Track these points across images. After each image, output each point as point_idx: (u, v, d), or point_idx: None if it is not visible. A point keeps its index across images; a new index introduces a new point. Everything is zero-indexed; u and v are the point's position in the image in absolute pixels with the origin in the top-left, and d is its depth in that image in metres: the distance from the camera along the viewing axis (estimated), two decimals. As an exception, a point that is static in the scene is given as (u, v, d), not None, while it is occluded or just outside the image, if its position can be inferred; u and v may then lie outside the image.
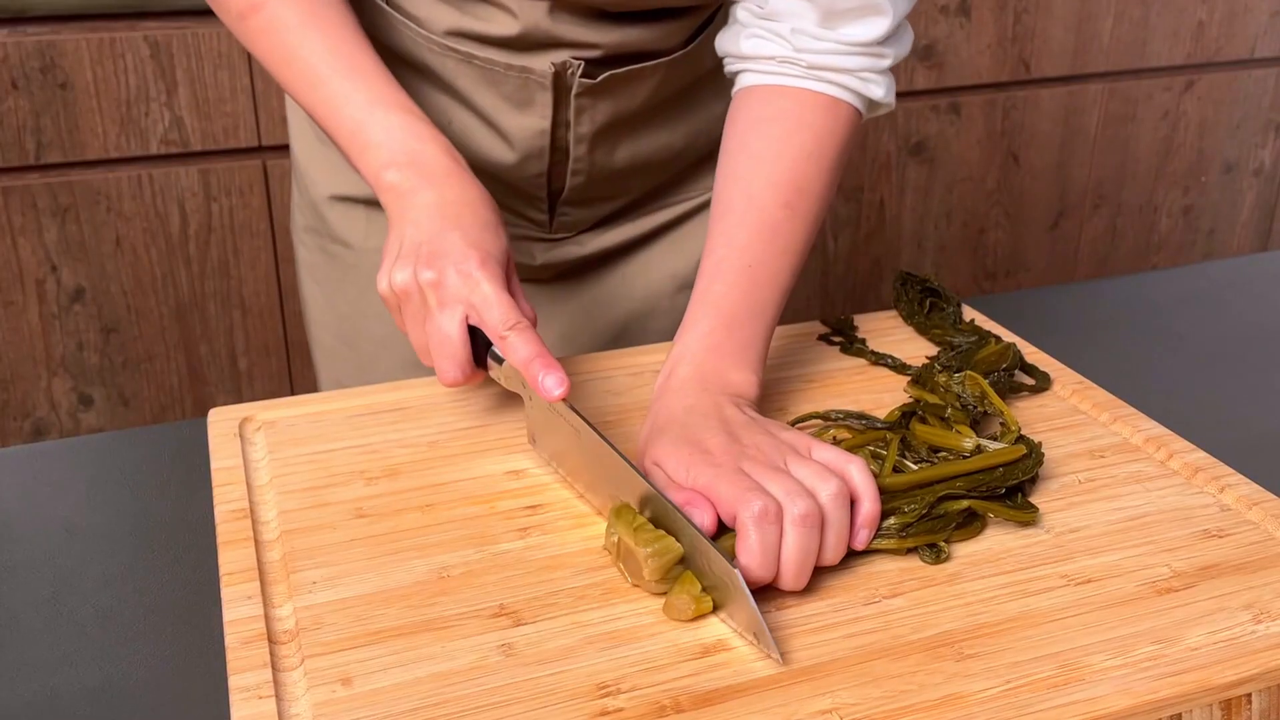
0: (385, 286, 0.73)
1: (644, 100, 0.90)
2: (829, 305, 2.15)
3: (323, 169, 0.97)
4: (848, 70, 0.78)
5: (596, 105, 0.88)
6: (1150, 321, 1.08)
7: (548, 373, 0.66)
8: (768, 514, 0.59)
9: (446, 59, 0.87)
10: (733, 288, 0.75)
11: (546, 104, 0.87)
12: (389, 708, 0.53)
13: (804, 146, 0.78)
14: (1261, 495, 0.69)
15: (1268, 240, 2.53)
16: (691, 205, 1.00)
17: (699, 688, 0.54)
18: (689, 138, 0.96)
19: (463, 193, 0.75)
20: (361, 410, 0.78)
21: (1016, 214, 2.24)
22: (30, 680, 0.64)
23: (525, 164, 0.90)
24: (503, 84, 0.87)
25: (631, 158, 0.93)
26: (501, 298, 0.70)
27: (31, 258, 1.63)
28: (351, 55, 0.79)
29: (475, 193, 0.75)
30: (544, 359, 0.67)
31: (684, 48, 0.89)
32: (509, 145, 0.89)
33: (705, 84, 0.94)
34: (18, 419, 1.71)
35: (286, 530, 0.65)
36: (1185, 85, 2.27)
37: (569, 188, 0.92)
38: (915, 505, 0.64)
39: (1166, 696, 0.54)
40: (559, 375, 0.66)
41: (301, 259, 1.01)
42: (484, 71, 0.86)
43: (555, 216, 0.96)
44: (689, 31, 0.90)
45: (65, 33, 1.55)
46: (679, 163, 0.97)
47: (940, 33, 2.01)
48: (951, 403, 0.74)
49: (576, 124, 0.88)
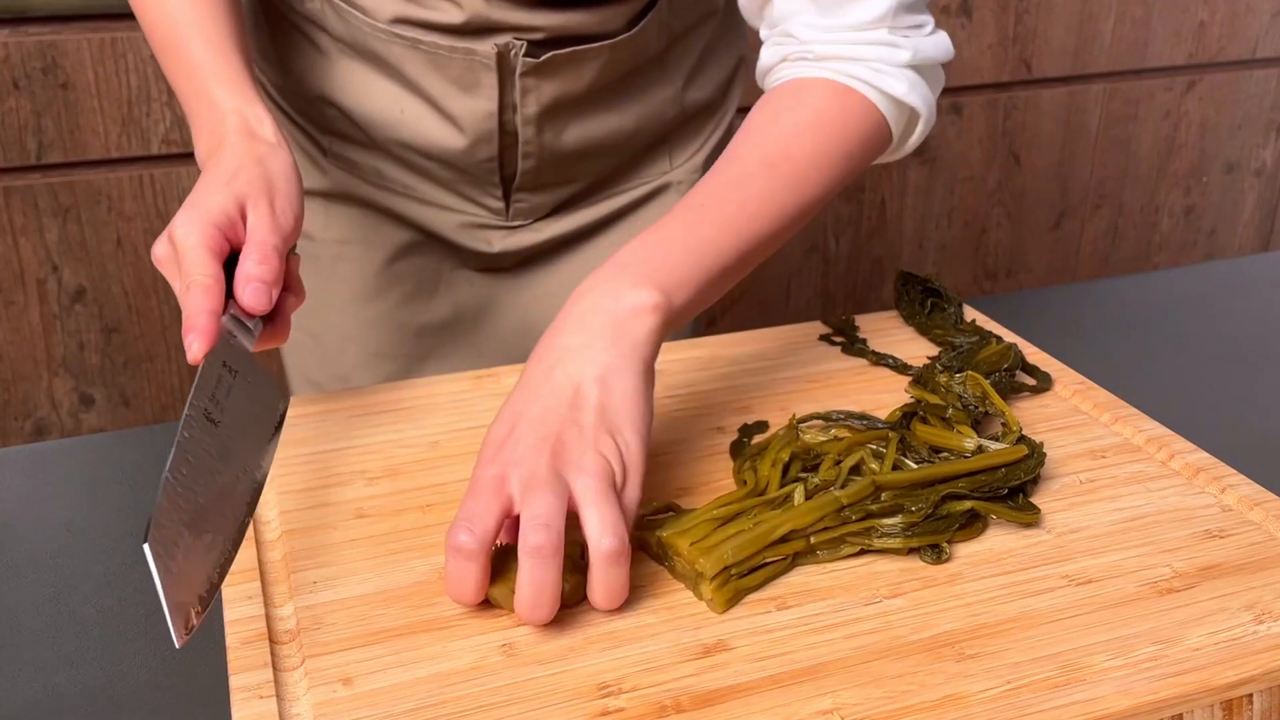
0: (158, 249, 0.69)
1: (589, 82, 0.90)
2: (830, 305, 2.15)
3: None
4: (858, 59, 0.76)
5: (541, 86, 0.88)
6: (1152, 322, 1.08)
7: (188, 336, 0.61)
8: (462, 550, 0.57)
9: (393, 45, 0.88)
10: (672, 218, 0.71)
11: (492, 85, 0.88)
12: (390, 707, 0.53)
13: (800, 119, 0.76)
14: (1263, 495, 0.69)
15: (1269, 240, 2.53)
16: (648, 189, 1.00)
17: (700, 688, 0.54)
18: (639, 121, 0.96)
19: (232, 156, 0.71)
20: (362, 410, 0.78)
21: (1018, 214, 2.24)
22: (31, 680, 0.64)
23: (476, 148, 0.91)
24: (448, 67, 0.88)
25: (581, 140, 0.93)
26: (187, 254, 0.64)
27: (32, 258, 1.63)
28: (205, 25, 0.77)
29: (239, 149, 0.71)
30: (192, 318, 0.61)
31: (627, 31, 0.90)
32: (459, 130, 0.90)
33: (652, 67, 0.95)
34: (19, 419, 1.71)
35: (287, 530, 0.65)
36: (1187, 85, 2.27)
37: (520, 172, 0.93)
38: (921, 505, 0.64)
39: (1167, 697, 0.54)
40: (202, 342, 0.61)
41: None
42: (430, 56, 0.88)
43: (511, 203, 0.96)
44: (630, 15, 0.90)
45: (66, 33, 1.55)
46: (630, 146, 0.98)
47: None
48: (953, 403, 0.74)
49: (523, 105, 0.89)
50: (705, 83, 1.00)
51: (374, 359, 0.98)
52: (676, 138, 1.00)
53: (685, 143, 1.00)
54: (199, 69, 0.76)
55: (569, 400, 0.62)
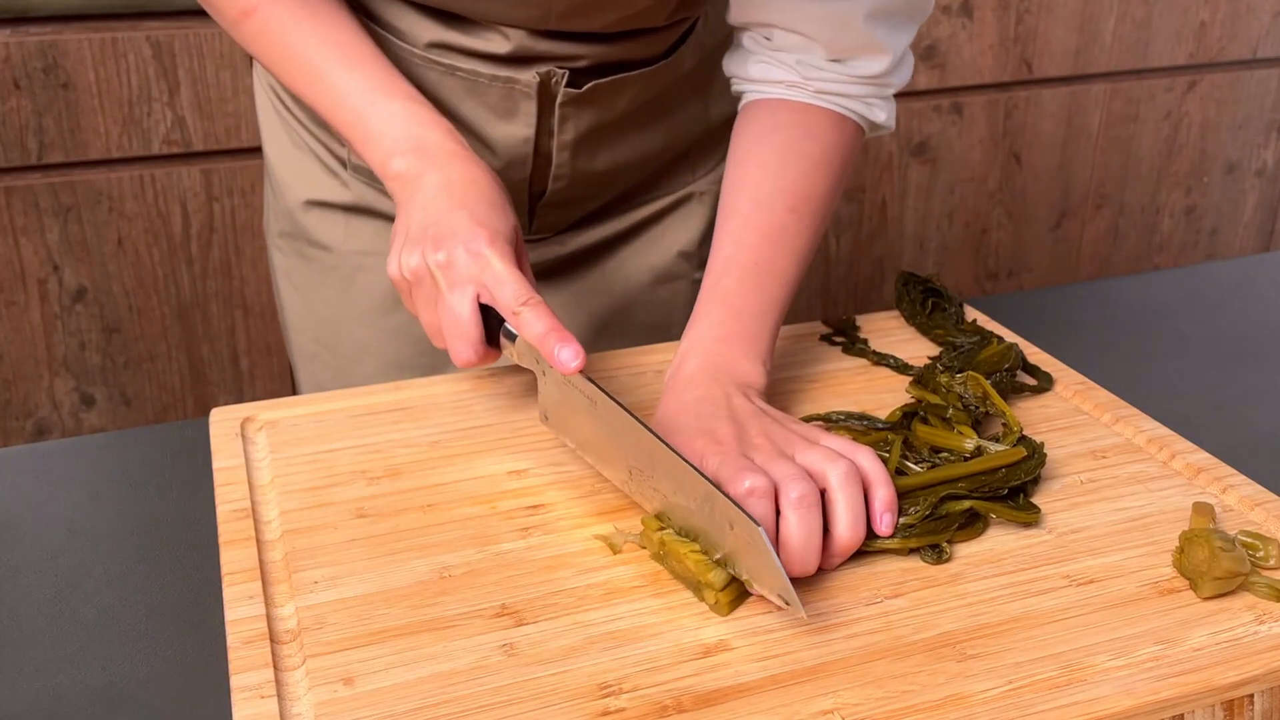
0: (395, 270, 0.73)
1: (626, 106, 0.90)
2: (831, 305, 2.15)
3: (298, 175, 0.96)
4: (854, 96, 0.81)
5: (580, 114, 0.88)
6: (1152, 322, 1.08)
7: (563, 345, 0.66)
8: (754, 491, 0.60)
9: (429, 71, 0.87)
10: (741, 282, 0.76)
11: (531, 113, 0.87)
12: (391, 707, 0.53)
13: (810, 156, 0.79)
14: (1264, 496, 0.69)
15: (1270, 241, 2.53)
16: (668, 201, 1.00)
17: (701, 688, 0.54)
18: (667, 139, 0.96)
19: (466, 172, 0.75)
20: (363, 410, 0.78)
21: (1018, 214, 2.24)
22: (33, 680, 0.64)
23: (508, 171, 0.90)
24: (486, 94, 0.87)
25: (611, 162, 0.93)
26: (513, 273, 0.70)
27: (33, 258, 1.63)
28: (347, 46, 0.79)
29: (480, 172, 0.76)
30: (559, 332, 0.66)
31: (666, 57, 0.90)
32: (493, 154, 0.89)
33: (683, 87, 0.95)
34: (20, 419, 1.71)
35: (288, 530, 0.65)
36: (1188, 86, 2.27)
37: (550, 192, 0.93)
38: (918, 506, 0.64)
39: (1169, 697, 0.54)
40: (574, 348, 0.66)
41: (277, 264, 1.01)
42: (467, 83, 0.87)
43: (535, 218, 0.96)
44: (672, 41, 0.91)
45: (67, 33, 1.55)
46: (657, 162, 0.98)
47: (942, 33, 2.01)
48: (953, 403, 0.74)
49: (560, 132, 0.88)
50: (728, 95, 1.00)
51: (391, 369, 0.97)
52: (700, 150, 1.00)
53: (708, 154, 1.00)
54: (365, 88, 0.78)
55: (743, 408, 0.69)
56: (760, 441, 0.65)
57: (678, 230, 1.00)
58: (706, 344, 0.74)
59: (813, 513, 0.60)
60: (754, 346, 0.74)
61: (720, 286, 0.76)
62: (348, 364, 0.98)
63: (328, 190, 0.95)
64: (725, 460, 0.63)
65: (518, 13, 0.82)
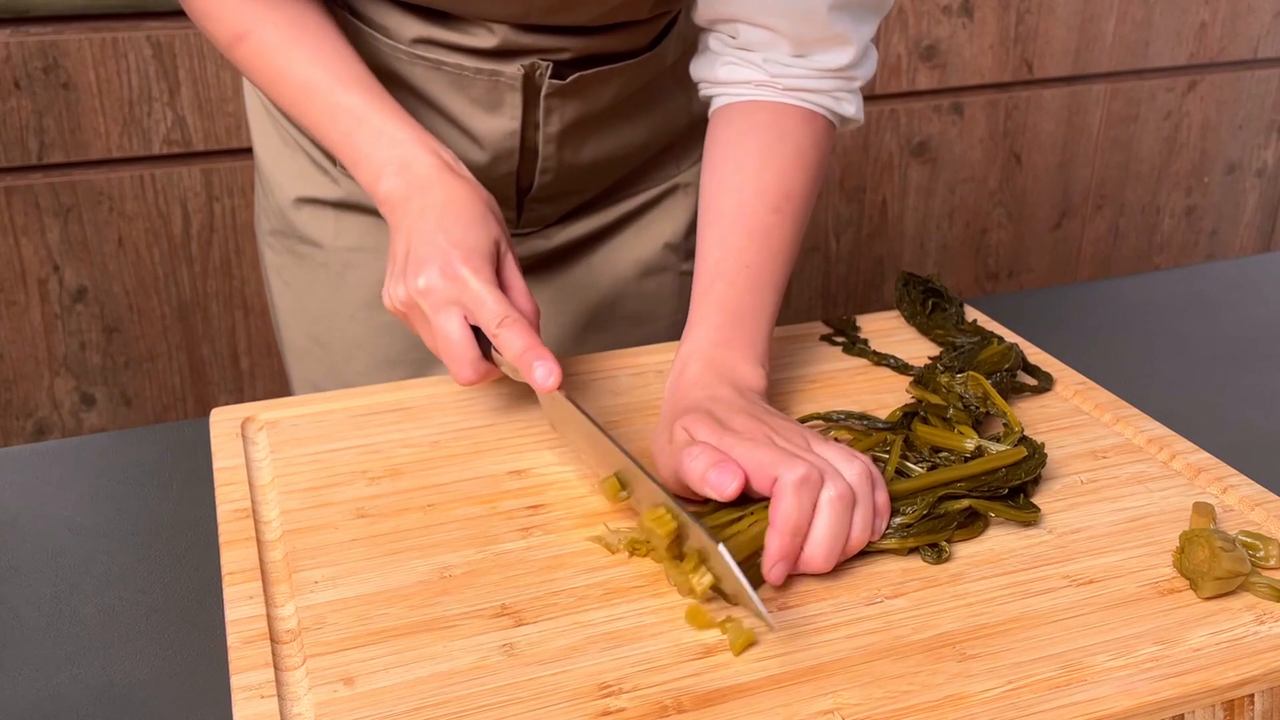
0: (388, 303, 0.75)
1: (611, 98, 0.91)
2: (831, 305, 2.15)
3: (288, 172, 0.97)
4: (822, 91, 0.81)
5: (565, 105, 0.89)
6: (1153, 322, 1.08)
7: (539, 364, 0.67)
8: (809, 481, 0.60)
9: (415, 66, 0.88)
10: (733, 286, 0.76)
11: (516, 105, 0.88)
12: (391, 707, 0.53)
13: (787, 156, 0.80)
14: (1264, 496, 0.69)
15: (1270, 241, 2.53)
16: (654, 194, 1.01)
17: (701, 688, 0.54)
18: (652, 131, 0.97)
19: (446, 193, 0.75)
20: (363, 410, 0.78)
21: (1019, 214, 2.24)
22: (33, 679, 0.64)
23: (495, 164, 0.91)
24: (471, 88, 0.87)
25: (597, 154, 0.94)
26: (490, 292, 0.70)
27: (34, 257, 1.63)
28: (337, 69, 0.80)
29: (462, 190, 0.76)
30: (534, 351, 0.67)
31: (650, 49, 0.91)
32: (479, 147, 0.90)
33: (666, 79, 0.96)
34: (20, 419, 1.71)
35: (288, 530, 0.65)
36: (1188, 86, 2.27)
37: (537, 185, 0.93)
38: (916, 505, 0.64)
39: (1169, 697, 0.54)
40: (549, 365, 0.67)
41: (269, 262, 1.02)
42: (453, 77, 0.87)
43: (523, 213, 0.97)
44: (655, 34, 0.91)
45: (68, 33, 1.55)
46: (642, 155, 0.99)
47: (942, 33, 2.01)
48: (954, 403, 0.74)
49: (545, 124, 0.89)
50: None
51: (382, 366, 0.98)
52: (684, 141, 1.01)
53: (693, 146, 1.01)
54: (352, 110, 0.79)
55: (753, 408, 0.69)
56: (783, 431, 0.66)
57: (663, 222, 1.01)
58: (706, 348, 0.74)
59: (847, 514, 0.61)
60: (752, 349, 0.75)
61: (714, 290, 0.76)
62: (339, 360, 0.99)
63: (317, 187, 0.96)
64: (756, 445, 0.63)
65: (502, 8, 0.83)
